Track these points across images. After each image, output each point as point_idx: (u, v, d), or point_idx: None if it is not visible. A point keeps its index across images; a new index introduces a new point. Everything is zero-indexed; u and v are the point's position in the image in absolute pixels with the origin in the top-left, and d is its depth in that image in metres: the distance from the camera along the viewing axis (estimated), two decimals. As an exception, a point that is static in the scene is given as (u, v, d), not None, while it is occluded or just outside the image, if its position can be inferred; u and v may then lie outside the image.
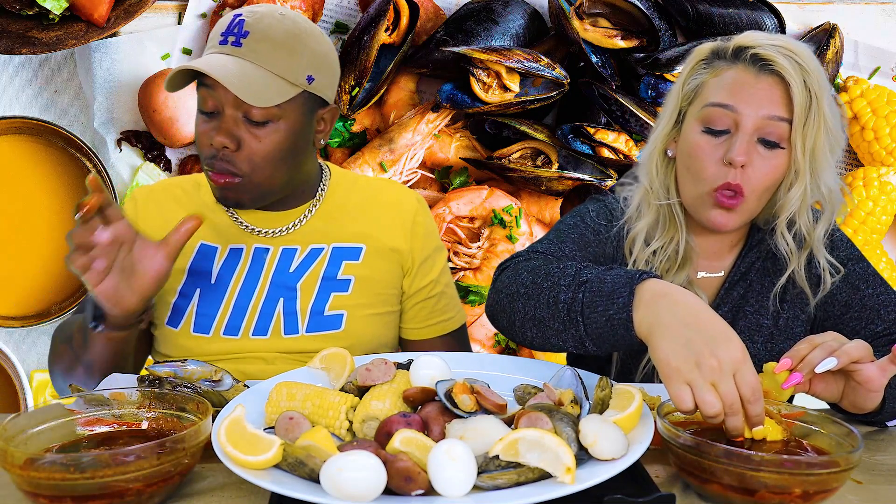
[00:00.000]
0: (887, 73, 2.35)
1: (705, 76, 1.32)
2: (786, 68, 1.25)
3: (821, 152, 1.27)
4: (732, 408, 0.92)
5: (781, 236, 1.34)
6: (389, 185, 1.57)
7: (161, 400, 1.03)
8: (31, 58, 2.22)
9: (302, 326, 1.41)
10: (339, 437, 1.01)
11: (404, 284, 1.50)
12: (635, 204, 1.40)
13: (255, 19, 1.31)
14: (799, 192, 1.28)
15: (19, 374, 2.21)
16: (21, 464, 0.87)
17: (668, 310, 0.98)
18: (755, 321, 1.39)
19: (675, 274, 1.35)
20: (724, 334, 0.95)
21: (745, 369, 0.93)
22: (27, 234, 2.26)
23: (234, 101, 1.30)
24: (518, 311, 1.17)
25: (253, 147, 1.32)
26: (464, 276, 2.30)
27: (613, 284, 1.05)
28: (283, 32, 1.31)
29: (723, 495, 0.92)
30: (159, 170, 2.27)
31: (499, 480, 0.86)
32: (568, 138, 2.24)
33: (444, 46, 2.17)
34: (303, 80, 1.32)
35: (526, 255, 1.28)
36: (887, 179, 2.27)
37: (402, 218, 1.49)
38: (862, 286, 1.38)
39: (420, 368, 1.06)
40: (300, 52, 1.32)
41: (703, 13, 2.22)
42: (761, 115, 1.26)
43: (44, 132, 2.22)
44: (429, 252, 1.51)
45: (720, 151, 1.28)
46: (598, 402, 1.02)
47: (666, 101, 1.39)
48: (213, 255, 1.43)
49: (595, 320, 1.06)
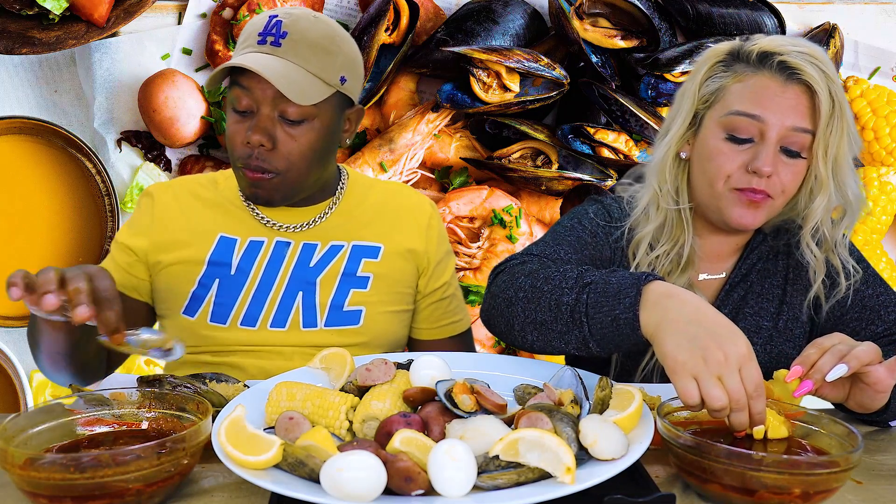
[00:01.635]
0: (887, 73, 2.35)
1: (726, 80, 1.29)
2: (814, 78, 1.23)
3: (843, 159, 1.26)
4: (739, 403, 0.92)
5: (808, 247, 1.33)
6: (405, 189, 1.60)
7: (161, 400, 1.03)
8: (31, 58, 2.22)
9: (321, 320, 1.42)
10: (339, 437, 1.01)
11: (420, 284, 1.52)
12: (642, 207, 1.38)
13: (291, 20, 1.34)
14: (824, 202, 1.28)
15: (19, 374, 2.21)
16: (21, 464, 0.87)
17: (674, 309, 0.99)
18: (755, 323, 1.39)
19: (678, 277, 1.35)
20: (729, 330, 0.95)
21: (750, 366, 0.93)
22: (27, 234, 2.26)
23: (272, 100, 1.33)
24: (517, 315, 1.16)
25: (289, 146, 1.35)
26: (464, 276, 2.30)
27: (619, 285, 1.05)
28: (319, 34, 1.35)
29: (723, 495, 0.92)
30: (159, 170, 2.27)
31: (499, 480, 0.86)
32: (568, 138, 2.24)
33: (444, 46, 2.17)
34: (337, 80, 1.36)
35: (521, 258, 1.27)
36: (887, 179, 2.27)
37: (418, 221, 1.52)
38: (862, 287, 1.38)
39: (420, 368, 1.06)
40: (335, 54, 1.36)
41: (703, 13, 2.22)
42: (787, 126, 1.24)
43: (44, 132, 2.22)
44: (442, 255, 1.54)
45: (743, 158, 1.27)
46: (598, 402, 1.02)
47: (678, 102, 1.36)
48: (233, 247, 1.44)
49: (600, 321, 1.05)
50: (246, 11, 2.17)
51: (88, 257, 2.29)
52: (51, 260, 2.26)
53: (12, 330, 2.26)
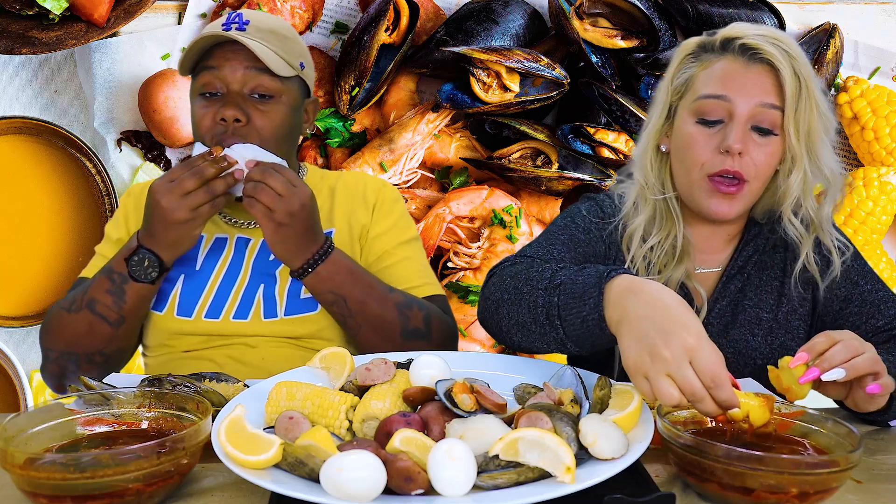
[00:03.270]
0: (887, 73, 2.35)
1: (694, 69, 1.34)
2: (774, 55, 1.27)
3: (816, 135, 1.29)
4: (695, 396, 0.91)
5: (790, 222, 1.35)
6: (357, 174, 1.64)
7: (161, 400, 1.03)
8: (31, 58, 2.22)
9: (280, 310, 1.45)
10: (339, 436, 1.01)
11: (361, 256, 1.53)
12: (631, 200, 1.41)
13: (250, 14, 1.45)
14: (799, 177, 1.30)
15: (19, 374, 2.21)
16: (21, 464, 0.87)
17: (631, 306, 0.98)
18: (754, 315, 1.40)
19: (674, 268, 1.36)
20: (679, 323, 0.93)
21: (700, 356, 0.91)
22: (27, 234, 2.26)
23: (242, 78, 1.41)
24: (503, 316, 1.17)
25: (261, 120, 1.41)
26: (464, 276, 2.30)
27: (584, 285, 1.05)
28: (277, 24, 1.47)
29: (722, 495, 0.92)
30: (159, 170, 2.27)
31: (499, 480, 0.86)
32: (568, 138, 2.24)
33: (444, 46, 2.17)
34: (297, 64, 1.46)
35: (513, 259, 1.29)
36: (887, 179, 2.27)
37: (365, 200, 1.56)
38: (861, 281, 1.39)
39: (420, 368, 1.06)
40: (294, 40, 1.48)
41: (703, 13, 2.22)
42: (754, 104, 1.28)
43: (44, 132, 2.22)
44: (385, 228, 1.53)
45: (715, 140, 1.30)
46: (598, 402, 1.02)
47: (655, 97, 1.41)
48: (199, 243, 1.50)
49: (571, 322, 1.06)
50: (246, 11, 2.17)
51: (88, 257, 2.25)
52: (51, 260, 2.26)
53: (12, 330, 2.26)
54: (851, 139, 2.34)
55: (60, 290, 2.27)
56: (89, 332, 1.38)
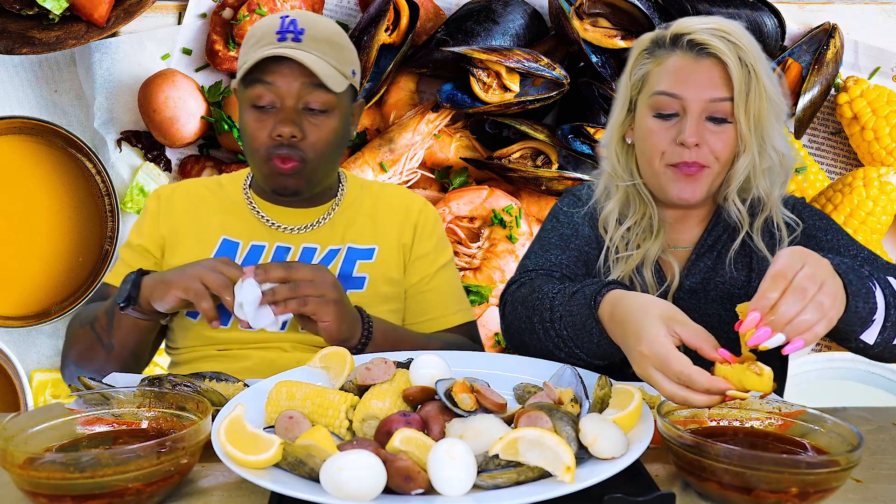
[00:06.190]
0: (887, 73, 2.35)
1: (649, 66, 1.39)
2: (721, 49, 1.31)
3: (766, 121, 1.34)
4: (675, 399, 0.97)
5: (732, 203, 1.40)
6: (398, 189, 1.65)
7: (161, 399, 1.03)
8: (31, 58, 2.22)
9: None
10: (339, 436, 1.01)
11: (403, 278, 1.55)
12: (602, 186, 1.47)
13: (305, 18, 1.42)
14: (746, 162, 1.36)
15: (19, 374, 2.21)
16: (21, 463, 0.87)
17: (615, 331, 1.08)
18: (725, 291, 1.43)
19: (653, 242, 1.41)
20: (632, 335, 1.01)
21: (658, 362, 0.97)
22: (27, 234, 2.26)
23: (297, 93, 1.39)
24: (529, 344, 1.25)
25: (315, 134, 1.41)
26: (464, 276, 2.30)
27: (581, 316, 1.14)
28: (332, 30, 1.44)
29: (722, 494, 0.92)
30: (159, 170, 2.27)
31: (499, 479, 0.86)
32: (568, 138, 2.24)
33: (444, 46, 2.17)
34: (349, 73, 1.45)
35: (518, 280, 1.35)
36: (887, 179, 2.27)
37: (408, 218, 1.56)
38: (820, 234, 1.41)
39: (420, 367, 1.06)
40: (346, 48, 1.45)
41: (703, 13, 2.22)
42: (705, 98, 1.33)
43: (44, 132, 2.22)
44: (427, 250, 1.55)
45: (672, 133, 1.35)
46: (598, 401, 1.02)
47: (617, 92, 1.47)
48: (235, 251, 1.48)
49: (588, 348, 1.16)
50: (246, 11, 2.17)
51: (88, 257, 2.29)
52: (51, 260, 2.26)
53: (12, 330, 2.26)
54: (851, 139, 2.34)
55: (60, 290, 2.28)
56: (90, 350, 1.38)
